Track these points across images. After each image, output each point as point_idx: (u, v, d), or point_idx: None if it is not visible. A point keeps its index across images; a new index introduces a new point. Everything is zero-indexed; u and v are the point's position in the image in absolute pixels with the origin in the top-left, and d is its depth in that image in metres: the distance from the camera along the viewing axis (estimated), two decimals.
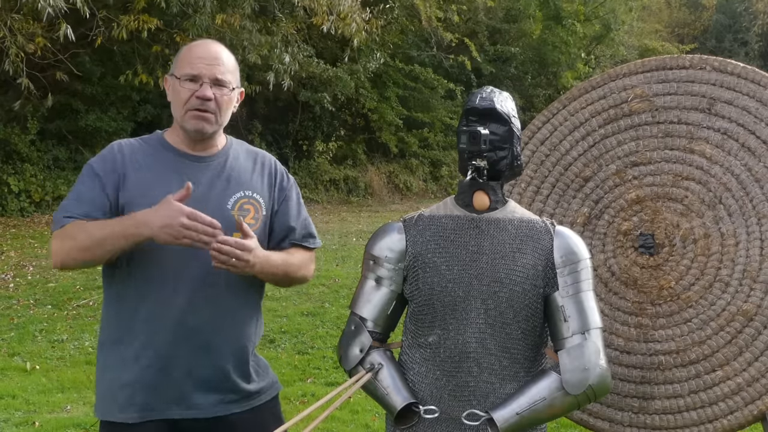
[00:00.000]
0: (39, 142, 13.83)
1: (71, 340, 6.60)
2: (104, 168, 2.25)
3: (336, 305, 7.76)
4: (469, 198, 2.16)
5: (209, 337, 2.27)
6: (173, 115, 2.32)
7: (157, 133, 2.38)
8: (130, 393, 2.24)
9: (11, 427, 4.78)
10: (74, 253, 2.15)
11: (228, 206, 2.28)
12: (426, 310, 2.14)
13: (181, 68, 2.27)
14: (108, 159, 2.27)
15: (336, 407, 2.22)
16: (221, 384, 2.30)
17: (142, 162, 2.27)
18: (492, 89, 2.21)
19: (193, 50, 2.31)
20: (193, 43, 2.38)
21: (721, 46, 28.69)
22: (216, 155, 2.34)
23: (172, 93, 2.30)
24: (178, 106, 2.27)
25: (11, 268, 9.19)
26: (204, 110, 2.24)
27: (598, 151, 2.80)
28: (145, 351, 2.23)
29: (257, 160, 2.42)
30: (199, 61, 2.26)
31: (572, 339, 2.10)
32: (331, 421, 4.76)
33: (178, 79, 2.26)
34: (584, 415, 2.70)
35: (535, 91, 21.57)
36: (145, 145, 2.33)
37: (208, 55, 2.28)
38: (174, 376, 2.24)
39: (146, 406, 2.24)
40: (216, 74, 2.25)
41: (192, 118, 2.25)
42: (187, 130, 2.28)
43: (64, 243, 2.17)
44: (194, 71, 2.24)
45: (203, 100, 2.23)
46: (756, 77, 2.63)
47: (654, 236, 2.69)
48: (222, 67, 2.27)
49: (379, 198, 18.07)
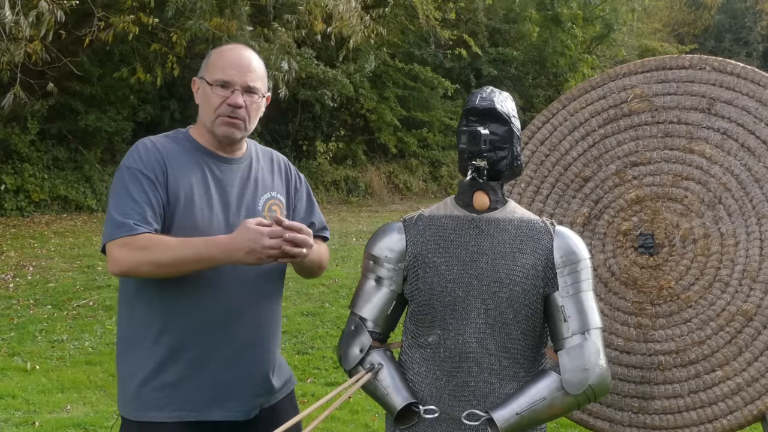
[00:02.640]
0: (39, 142, 13.84)
1: (71, 340, 6.60)
2: (149, 167, 2.21)
3: (336, 305, 7.76)
4: (469, 198, 2.16)
5: (250, 336, 2.29)
6: (201, 118, 2.31)
7: (182, 131, 2.37)
8: (170, 393, 2.23)
9: (11, 427, 4.77)
10: (147, 266, 2.11)
11: (259, 208, 2.33)
12: (426, 310, 2.14)
13: (212, 73, 2.26)
14: (147, 157, 2.23)
15: (336, 407, 2.22)
16: (262, 384, 2.34)
17: (181, 161, 2.26)
18: (492, 89, 2.21)
19: (225, 56, 2.30)
20: (224, 47, 2.37)
21: (721, 46, 28.69)
22: (242, 158, 2.37)
23: (203, 97, 2.30)
24: (209, 111, 2.27)
25: (11, 268, 9.19)
26: (234, 117, 2.25)
27: (597, 151, 2.80)
28: (186, 352, 2.23)
29: (273, 161, 2.46)
30: (231, 68, 2.25)
31: (572, 339, 2.10)
32: (331, 421, 4.76)
33: (210, 85, 2.26)
34: (584, 415, 2.70)
35: (535, 92, 21.57)
36: (175, 144, 2.31)
37: (240, 62, 2.27)
38: (216, 376, 2.25)
39: (186, 406, 2.24)
40: (248, 82, 2.26)
41: (222, 124, 2.26)
42: (216, 134, 2.28)
43: (135, 254, 2.11)
44: (226, 78, 2.24)
45: (234, 108, 2.24)
46: (756, 77, 2.63)
47: (654, 236, 2.69)
48: (253, 74, 2.28)
49: (379, 198, 18.07)
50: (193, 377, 2.24)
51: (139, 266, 2.12)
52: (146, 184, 2.18)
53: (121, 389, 2.32)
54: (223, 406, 2.27)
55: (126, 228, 2.13)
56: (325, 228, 2.52)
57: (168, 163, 2.23)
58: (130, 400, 2.28)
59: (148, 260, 2.11)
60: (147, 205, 2.16)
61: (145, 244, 2.11)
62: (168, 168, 2.22)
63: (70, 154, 14.39)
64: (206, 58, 2.34)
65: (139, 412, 2.26)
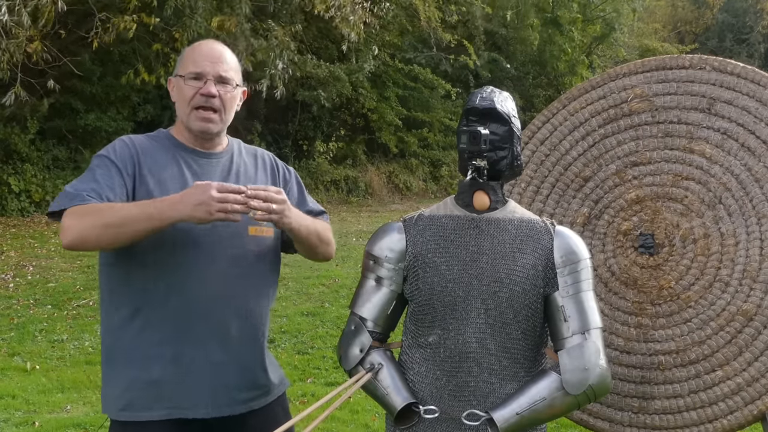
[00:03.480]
0: (39, 141, 13.84)
1: (71, 340, 6.60)
2: (120, 157, 2.22)
3: (336, 305, 7.76)
4: (469, 198, 2.16)
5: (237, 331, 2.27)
6: (178, 114, 2.33)
7: (162, 131, 2.39)
8: (156, 391, 2.20)
9: (11, 427, 4.77)
10: (97, 229, 2.04)
11: None
12: (426, 310, 2.14)
13: (184, 67, 2.29)
14: (121, 150, 2.24)
15: (336, 407, 2.22)
16: (251, 381, 2.32)
17: (156, 157, 2.26)
18: (492, 89, 2.21)
19: (197, 49, 2.33)
20: (195, 43, 2.39)
21: (723, 46, 28.67)
22: (223, 153, 2.37)
23: (177, 92, 2.31)
24: (183, 105, 2.28)
25: (11, 268, 9.19)
26: (209, 108, 2.25)
27: (597, 151, 2.80)
28: (171, 346, 2.20)
29: (257, 157, 2.45)
30: (203, 59, 2.27)
31: (572, 339, 2.10)
32: (331, 421, 4.76)
33: (182, 78, 2.28)
34: (584, 415, 2.70)
35: (535, 91, 21.56)
36: (154, 141, 2.32)
37: (212, 54, 2.29)
38: (202, 372, 2.23)
39: (173, 404, 2.21)
40: (220, 72, 2.27)
41: (197, 119, 2.26)
42: (192, 130, 2.29)
43: (83, 219, 2.05)
44: (198, 69, 2.26)
45: (208, 97, 2.25)
46: (756, 77, 2.63)
47: (654, 236, 2.69)
48: (225, 65, 2.29)
49: (379, 198, 18.07)
50: (179, 374, 2.21)
51: (90, 231, 2.04)
52: (113, 171, 2.18)
53: (104, 389, 2.29)
54: (211, 403, 2.24)
55: (78, 198, 2.10)
56: (322, 212, 2.49)
57: (142, 158, 2.24)
58: (113, 399, 2.25)
59: (100, 223, 2.04)
60: (108, 188, 2.14)
61: (92, 209, 2.08)
62: (141, 162, 2.23)
63: (71, 153, 14.39)
64: (179, 57, 2.36)
65: (125, 412, 2.22)
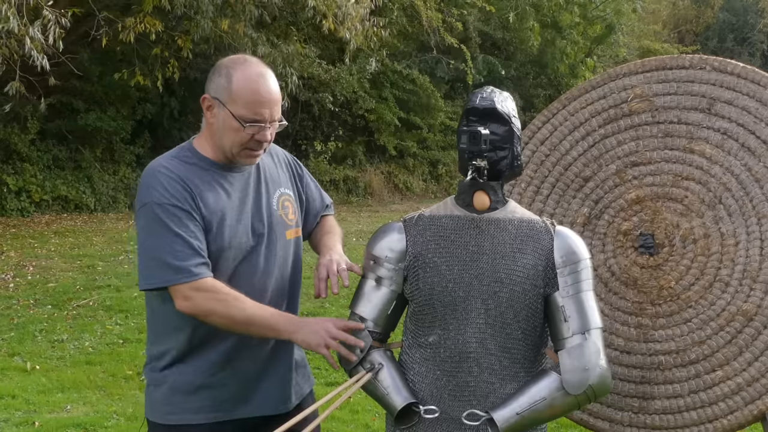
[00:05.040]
0: (39, 141, 13.84)
1: (71, 340, 6.60)
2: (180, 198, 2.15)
3: (336, 305, 7.75)
4: (469, 198, 2.16)
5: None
6: (219, 141, 2.22)
7: (187, 148, 2.29)
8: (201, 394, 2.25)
9: (11, 427, 4.77)
10: (218, 317, 2.13)
11: (274, 207, 2.35)
12: (426, 310, 2.14)
13: (237, 106, 2.16)
14: (174, 189, 2.16)
15: (336, 407, 2.22)
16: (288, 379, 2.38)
17: (197, 183, 2.20)
18: (492, 89, 2.21)
19: (251, 87, 2.17)
20: (250, 73, 2.19)
21: (723, 46, 28.66)
22: None
23: (225, 127, 2.18)
24: (233, 143, 2.19)
25: (11, 268, 9.19)
26: (260, 150, 2.25)
27: (598, 151, 2.80)
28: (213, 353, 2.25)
29: (273, 155, 2.45)
30: (261, 106, 2.17)
31: (572, 339, 2.10)
32: (331, 421, 4.76)
33: (234, 118, 2.16)
34: (584, 415, 2.70)
35: (535, 91, 21.54)
36: (188, 164, 2.23)
37: (269, 98, 2.19)
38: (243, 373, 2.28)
39: (215, 406, 2.25)
40: (275, 115, 2.22)
41: (246, 156, 2.24)
42: (236, 161, 2.25)
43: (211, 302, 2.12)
44: (258, 117, 2.17)
45: (262, 142, 2.23)
46: (756, 77, 2.63)
47: (654, 236, 2.69)
48: (278, 105, 2.23)
49: (379, 198, 18.07)
50: (222, 376, 2.25)
51: (212, 314, 2.13)
52: (185, 218, 2.14)
53: (149, 393, 2.32)
54: (251, 402, 2.29)
55: (185, 273, 2.11)
56: (329, 206, 2.61)
57: (191, 187, 2.18)
58: (159, 404, 2.28)
59: (223, 312, 2.13)
60: (193, 239, 2.13)
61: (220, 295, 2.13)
62: (193, 192, 2.18)
63: (71, 153, 14.39)
64: (223, 77, 2.19)
65: (170, 416, 2.26)
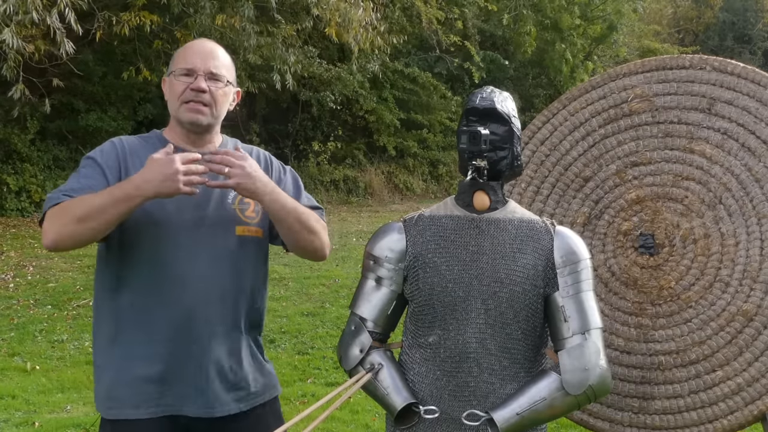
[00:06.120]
0: (39, 141, 13.83)
1: (71, 340, 6.60)
2: (105, 159, 2.24)
3: (336, 305, 7.76)
4: (469, 198, 2.16)
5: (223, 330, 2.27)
6: (170, 111, 2.33)
7: (156, 132, 2.40)
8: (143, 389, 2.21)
9: (11, 427, 4.78)
10: (70, 226, 2.04)
11: (229, 201, 2.30)
12: (426, 310, 2.14)
13: (175, 64, 2.31)
14: (108, 151, 2.27)
15: (336, 407, 2.22)
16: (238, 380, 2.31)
17: (144, 157, 2.23)
18: (492, 89, 2.21)
19: (188, 48, 2.36)
20: (188, 42, 2.44)
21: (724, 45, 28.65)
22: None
23: (169, 89, 2.32)
24: (174, 100, 2.29)
25: (11, 268, 9.19)
26: (198, 101, 2.26)
27: (598, 151, 2.80)
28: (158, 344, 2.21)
29: (252, 155, 2.40)
30: (194, 56, 2.29)
31: (572, 339, 2.10)
32: (331, 421, 4.76)
33: (173, 74, 2.29)
34: (584, 415, 2.70)
35: (535, 91, 21.53)
36: (144, 142, 2.33)
37: (203, 51, 2.32)
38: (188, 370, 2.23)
39: (158, 402, 2.22)
40: (210, 68, 2.28)
41: (187, 110, 2.27)
42: (182, 122, 2.29)
43: (57, 219, 2.07)
44: (188, 65, 2.27)
45: (198, 92, 2.25)
46: (756, 77, 2.63)
47: (654, 236, 2.69)
48: (216, 61, 2.30)
49: (379, 198, 18.06)
50: (165, 372, 2.21)
51: (64, 229, 2.06)
52: (97, 171, 2.20)
53: (95, 387, 2.31)
54: (197, 401, 2.24)
55: (55, 200, 2.12)
56: (317, 208, 2.41)
57: (129, 158, 2.24)
58: (103, 397, 2.26)
59: (71, 219, 2.05)
60: (89, 188, 2.14)
61: (64, 207, 2.09)
62: (128, 163, 2.23)
63: (71, 153, 14.38)
64: (172, 57, 2.37)
65: (113, 410, 2.24)
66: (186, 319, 2.22)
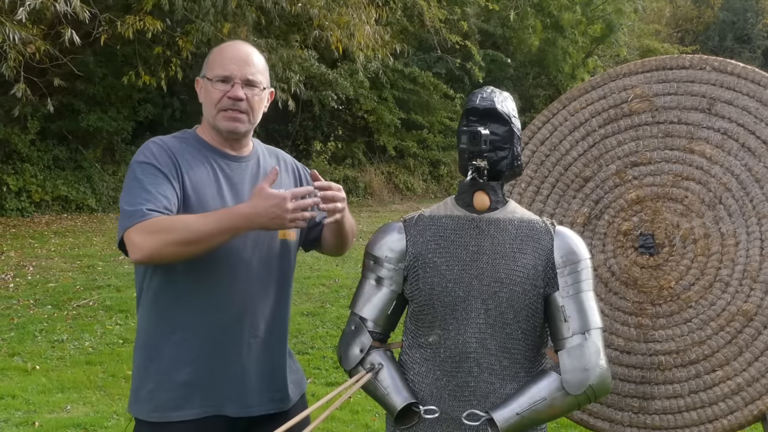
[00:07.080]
0: (39, 141, 13.83)
1: (71, 340, 6.61)
2: (163, 162, 2.19)
3: (336, 305, 7.76)
4: (469, 198, 2.16)
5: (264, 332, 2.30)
6: (205, 115, 2.32)
7: (189, 132, 2.37)
8: (185, 391, 2.23)
9: (11, 427, 4.78)
10: (173, 247, 2.05)
11: None
12: (426, 310, 2.14)
13: (212, 69, 2.28)
14: (160, 154, 2.21)
15: (336, 407, 2.22)
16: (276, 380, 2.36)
17: (188, 158, 2.25)
18: (492, 89, 2.21)
19: (224, 51, 2.31)
20: (223, 44, 2.38)
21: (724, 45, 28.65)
22: (250, 155, 2.37)
23: (204, 94, 2.30)
24: (210, 107, 2.28)
25: (11, 268, 9.19)
26: (236, 110, 2.25)
27: (598, 152, 2.80)
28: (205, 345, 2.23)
29: (279, 159, 2.46)
30: (231, 62, 2.26)
31: (572, 339, 2.10)
32: (331, 421, 4.76)
33: (210, 81, 2.27)
34: (584, 415, 2.70)
35: (535, 92, 21.53)
36: (183, 143, 2.30)
37: (239, 56, 2.28)
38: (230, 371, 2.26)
39: (201, 403, 2.24)
40: (247, 75, 2.26)
41: (224, 119, 2.26)
42: (220, 130, 2.28)
43: (155, 236, 2.05)
44: (225, 72, 2.25)
45: (235, 101, 2.25)
46: (756, 77, 2.63)
47: (654, 236, 2.69)
48: (253, 67, 2.28)
49: (379, 198, 18.06)
50: (208, 374, 2.24)
51: (164, 248, 2.06)
52: (160, 177, 2.16)
53: (134, 389, 2.31)
54: (239, 401, 2.28)
55: (138, 214, 2.08)
56: None
57: (179, 160, 2.22)
58: (144, 401, 2.27)
59: (171, 240, 2.05)
60: (163, 197, 2.12)
61: (164, 225, 2.07)
62: (180, 165, 2.21)
63: (71, 154, 14.39)
64: (207, 57, 2.35)
65: (155, 413, 2.25)
66: (233, 321, 2.25)
